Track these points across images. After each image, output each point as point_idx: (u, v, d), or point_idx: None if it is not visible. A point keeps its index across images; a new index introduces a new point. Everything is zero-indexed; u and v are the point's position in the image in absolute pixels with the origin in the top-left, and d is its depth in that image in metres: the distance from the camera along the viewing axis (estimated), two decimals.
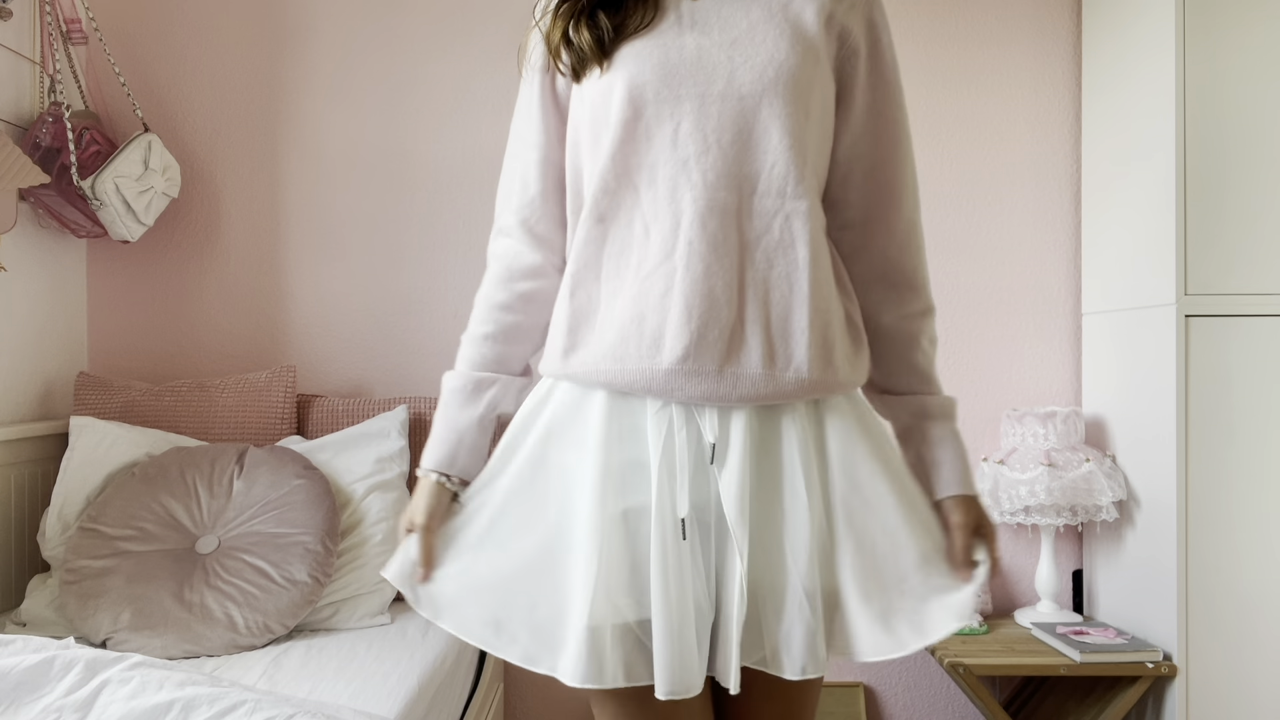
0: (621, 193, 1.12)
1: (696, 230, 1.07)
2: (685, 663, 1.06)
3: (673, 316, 1.07)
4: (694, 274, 1.07)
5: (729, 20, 1.13)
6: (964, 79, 2.48)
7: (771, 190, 1.09)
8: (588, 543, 1.08)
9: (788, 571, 1.09)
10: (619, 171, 1.12)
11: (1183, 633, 2.05)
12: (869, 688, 2.48)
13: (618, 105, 1.11)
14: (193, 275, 2.47)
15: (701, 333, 1.06)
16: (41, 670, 1.36)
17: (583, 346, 1.13)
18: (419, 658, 1.77)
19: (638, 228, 1.11)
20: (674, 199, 1.09)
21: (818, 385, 1.10)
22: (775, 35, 1.11)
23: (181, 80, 2.47)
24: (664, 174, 1.09)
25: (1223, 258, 2.07)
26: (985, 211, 2.49)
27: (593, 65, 1.14)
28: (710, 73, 1.10)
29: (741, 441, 1.08)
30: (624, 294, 1.11)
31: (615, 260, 1.13)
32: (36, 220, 2.28)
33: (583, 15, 1.14)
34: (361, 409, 2.26)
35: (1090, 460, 2.20)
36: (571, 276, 1.15)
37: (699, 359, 1.07)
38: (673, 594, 1.06)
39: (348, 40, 2.47)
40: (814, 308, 1.10)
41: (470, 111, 2.47)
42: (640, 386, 1.09)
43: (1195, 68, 2.07)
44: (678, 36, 1.12)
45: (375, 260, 2.47)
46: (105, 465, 2.06)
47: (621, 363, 1.09)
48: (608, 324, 1.11)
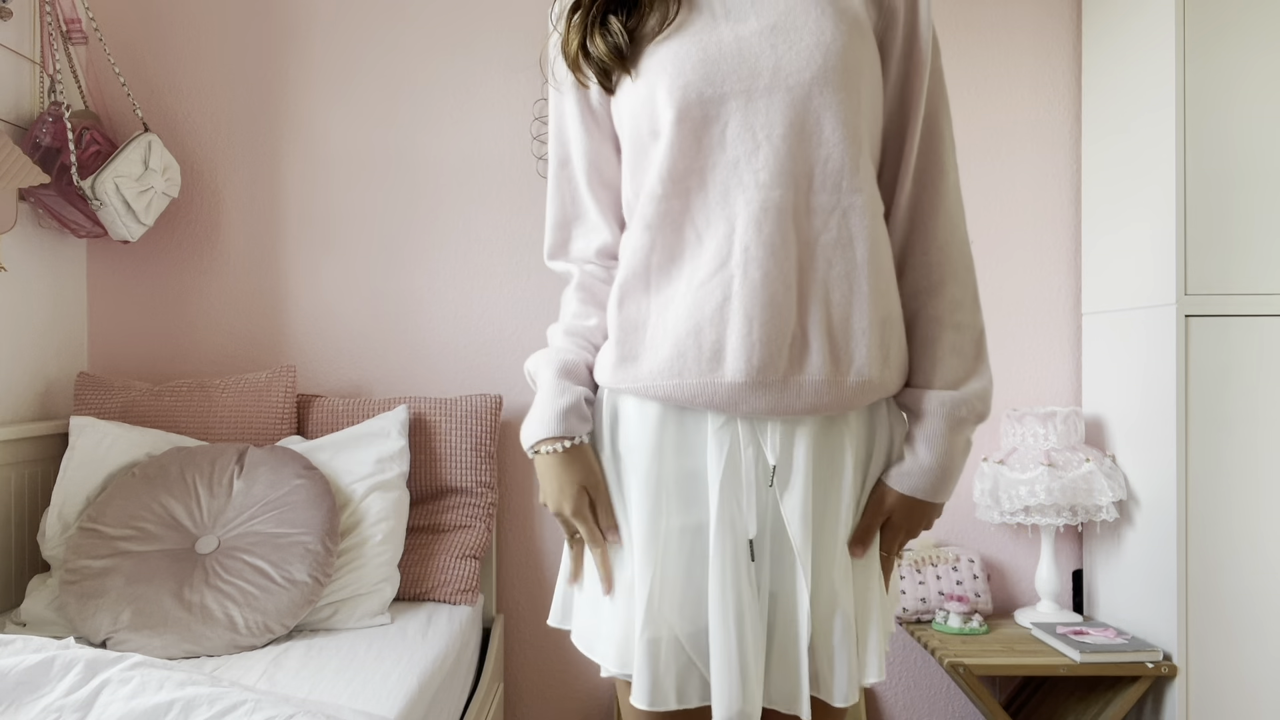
0: (669, 200, 1.06)
1: (752, 234, 1.02)
2: (747, 687, 1.03)
3: (733, 328, 1.02)
4: (753, 281, 1.02)
5: (764, 3, 1.05)
6: (964, 79, 2.48)
7: (827, 185, 1.03)
8: (644, 556, 1.06)
9: (838, 595, 1.07)
10: (664, 178, 1.06)
11: (1183, 633, 2.05)
12: (869, 688, 2.48)
13: (660, 111, 1.06)
14: (193, 275, 2.47)
15: (765, 344, 1.02)
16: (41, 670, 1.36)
17: (635, 360, 1.08)
18: (419, 658, 1.77)
19: (689, 235, 1.06)
20: (726, 203, 1.03)
21: (876, 388, 1.07)
22: (818, 14, 1.04)
23: (181, 80, 2.47)
24: (714, 177, 1.04)
25: (1223, 258, 2.07)
26: (985, 211, 2.49)
27: (620, 74, 1.08)
28: (754, 65, 1.03)
29: (805, 462, 1.05)
30: (677, 305, 1.06)
31: (665, 270, 1.07)
32: (36, 220, 2.28)
33: (595, 22, 1.08)
34: (361, 409, 2.26)
35: (1090, 460, 2.20)
36: (620, 286, 1.10)
37: (764, 371, 1.02)
38: (732, 615, 1.03)
39: (348, 40, 2.47)
40: (874, 306, 1.05)
41: (471, 112, 2.47)
42: (702, 401, 1.04)
43: (1195, 68, 2.06)
44: (713, 30, 1.05)
45: (375, 260, 2.47)
46: (105, 465, 2.06)
47: (680, 378, 1.05)
48: (661, 338, 1.06)
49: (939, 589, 2.32)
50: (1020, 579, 2.47)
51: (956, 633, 2.23)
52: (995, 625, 2.31)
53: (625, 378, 1.09)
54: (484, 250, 2.47)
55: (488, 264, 2.46)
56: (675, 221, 1.06)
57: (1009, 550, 2.47)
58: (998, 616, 2.40)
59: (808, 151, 1.03)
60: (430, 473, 2.24)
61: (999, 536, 2.47)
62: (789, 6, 1.05)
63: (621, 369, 1.09)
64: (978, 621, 2.25)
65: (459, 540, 2.20)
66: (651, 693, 1.05)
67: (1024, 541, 2.47)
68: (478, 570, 2.19)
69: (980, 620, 2.26)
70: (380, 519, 2.05)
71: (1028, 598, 2.46)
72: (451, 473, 2.24)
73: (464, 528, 2.22)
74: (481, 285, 2.46)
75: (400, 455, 2.14)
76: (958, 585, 2.33)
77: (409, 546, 2.17)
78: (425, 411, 2.27)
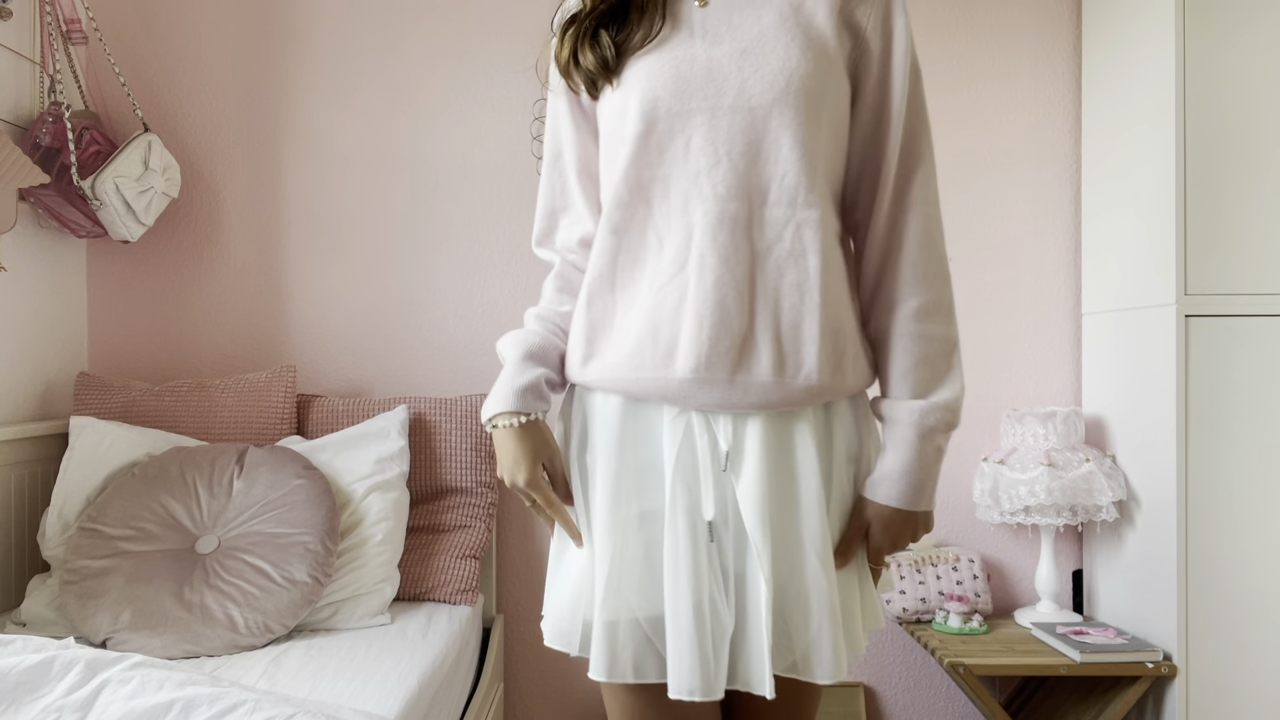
0: (635, 205, 1.14)
1: (708, 242, 1.09)
2: (702, 665, 1.07)
3: (686, 327, 1.10)
4: (705, 286, 1.09)
5: (740, 28, 1.12)
6: (964, 78, 2.48)
7: (783, 200, 1.10)
8: (604, 541, 1.12)
9: (810, 575, 1.10)
10: (632, 185, 1.14)
11: (1183, 633, 2.05)
12: (869, 688, 2.48)
13: (630, 121, 1.13)
14: (193, 275, 2.47)
15: (713, 343, 1.09)
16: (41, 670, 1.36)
17: (600, 355, 1.16)
18: (419, 658, 1.77)
19: (651, 239, 1.14)
20: (686, 211, 1.11)
21: (826, 391, 1.12)
22: (787, 41, 1.11)
23: (181, 80, 2.47)
24: (676, 187, 1.11)
25: (1223, 258, 2.07)
26: (985, 211, 2.49)
27: (604, 83, 1.16)
28: (720, 84, 1.10)
29: (757, 448, 1.10)
30: (639, 305, 1.13)
31: (629, 271, 1.15)
32: (36, 220, 2.28)
33: (586, 35, 1.16)
34: (361, 409, 2.26)
35: (1090, 460, 2.20)
36: (588, 286, 1.18)
37: (710, 368, 1.09)
38: (686, 596, 1.07)
39: (348, 40, 2.47)
40: (824, 315, 1.11)
41: (470, 111, 2.47)
42: (655, 394, 1.12)
43: (1195, 67, 2.06)
44: (689, 48, 1.12)
45: (375, 260, 2.47)
46: (105, 465, 2.06)
47: (637, 371, 1.12)
48: (624, 334, 1.14)
49: (939, 589, 2.32)
50: (1020, 579, 2.47)
51: (956, 633, 2.23)
52: (995, 625, 2.31)
53: (590, 371, 1.16)
54: (484, 250, 2.47)
55: (488, 263, 2.46)
56: (639, 227, 1.14)
57: (1009, 550, 2.47)
58: (998, 616, 2.40)
59: (765, 168, 1.10)
60: (430, 473, 2.24)
61: (999, 536, 2.47)
62: (762, 32, 1.11)
63: (587, 364, 1.17)
64: (978, 621, 2.25)
65: (459, 540, 2.20)
66: (609, 666, 1.10)
67: (1024, 541, 2.47)
68: (478, 570, 2.19)
69: (980, 620, 2.26)
70: (380, 519, 2.05)
71: (1028, 598, 2.46)
72: (451, 473, 2.24)
73: (464, 528, 2.22)
74: (481, 285, 2.46)
75: (400, 455, 2.14)
76: (958, 585, 2.33)
77: (409, 546, 2.17)
78: (425, 411, 2.27)
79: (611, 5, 1.16)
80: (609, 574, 1.11)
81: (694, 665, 1.07)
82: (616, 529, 1.12)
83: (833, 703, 2.43)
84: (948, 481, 2.47)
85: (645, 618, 1.11)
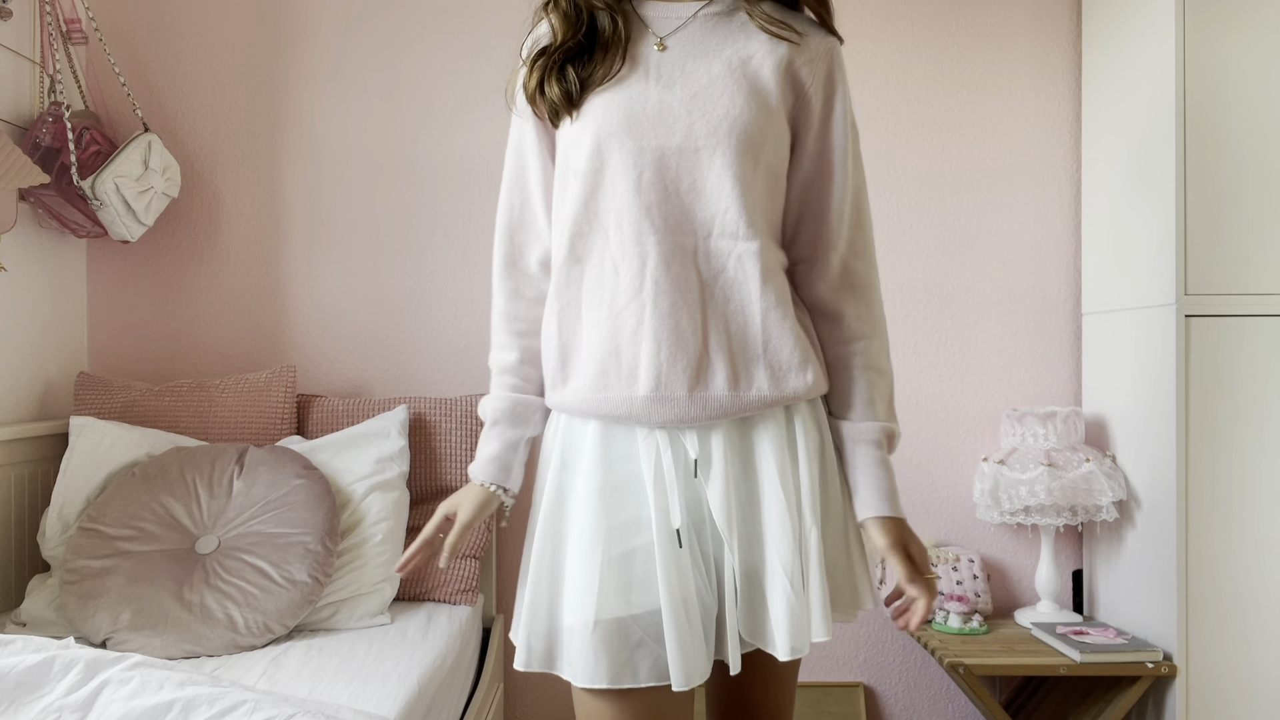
0: (593, 235, 1.23)
1: (661, 270, 1.19)
2: (695, 656, 1.17)
3: (645, 349, 1.19)
4: (661, 310, 1.19)
5: (692, 75, 1.22)
6: (964, 78, 2.48)
7: (726, 233, 1.20)
8: (589, 547, 1.20)
9: (772, 563, 1.20)
10: (589, 216, 1.23)
11: (1183, 633, 2.05)
12: (869, 688, 2.48)
13: (586, 155, 1.22)
14: (193, 275, 2.47)
15: (670, 363, 1.19)
16: (41, 670, 1.36)
17: (573, 378, 1.25)
18: (419, 658, 1.77)
19: (608, 267, 1.22)
20: (639, 242, 1.20)
21: (778, 400, 1.22)
22: (733, 90, 1.21)
23: (181, 80, 2.47)
24: (629, 218, 1.20)
25: (1223, 258, 2.07)
26: (985, 211, 2.49)
27: (565, 114, 1.25)
28: (670, 125, 1.20)
29: (722, 453, 1.21)
30: (601, 327, 1.22)
31: (592, 296, 1.23)
32: (36, 220, 2.28)
33: (553, 69, 1.25)
34: (361, 409, 2.26)
35: (1090, 460, 2.20)
36: (557, 314, 1.26)
37: (669, 386, 1.19)
38: (676, 594, 1.16)
39: (348, 40, 2.47)
40: (766, 336, 1.22)
41: (470, 111, 2.47)
42: (623, 414, 1.21)
43: (1195, 67, 2.07)
44: (643, 90, 1.22)
45: (375, 260, 2.47)
46: (105, 465, 2.06)
47: (605, 392, 1.21)
48: (591, 357, 1.23)
49: (939, 589, 2.32)
50: (1020, 579, 2.47)
51: (956, 633, 2.23)
52: (995, 625, 2.31)
53: (565, 394, 1.25)
54: (484, 250, 2.47)
55: (488, 264, 2.46)
56: (598, 255, 1.23)
57: (1009, 550, 2.47)
58: (998, 616, 2.40)
59: (709, 204, 1.20)
60: (430, 473, 2.24)
61: (999, 536, 2.47)
62: (711, 80, 1.22)
63: (560, 390, 1.26)
64: (978, 621, 2.25)
65: None
66: (614, 672, 1.17)
67: (1024, 541, 2.47)
68: (478, 570, 2.19)
69: (980, 620, 2.26)
70: (380, 519, 2.05)
71: (1028, 598, 2.46)
72: (451, 473, 2.24)
73: None
74: (481, 285, 2.46)
75: (400, 455, 2.14)
76: (958, 585, 2.33)
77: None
78: (425, 411, 2.27)
79: (579, 43, 1.25)
80: (601, 575, 1.18)
81: (689, 657, 1.16)
82: (600, 534, 1.20)
83: (833, 703, 2.43)
84: (948, 481, 2.47)
85: (631, 616, 1.18)
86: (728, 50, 1.23)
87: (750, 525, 1.22)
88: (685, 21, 1.26)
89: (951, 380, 2.49)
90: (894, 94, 2.48)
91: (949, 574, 2.35)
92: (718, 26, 1.26)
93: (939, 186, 2.48)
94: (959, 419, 2.48)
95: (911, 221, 2.49)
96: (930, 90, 2.48)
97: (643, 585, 1.18)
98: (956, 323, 2.48)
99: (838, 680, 2.46)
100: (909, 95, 2.48)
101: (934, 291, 2.48)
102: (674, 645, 1.15)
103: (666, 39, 1.25)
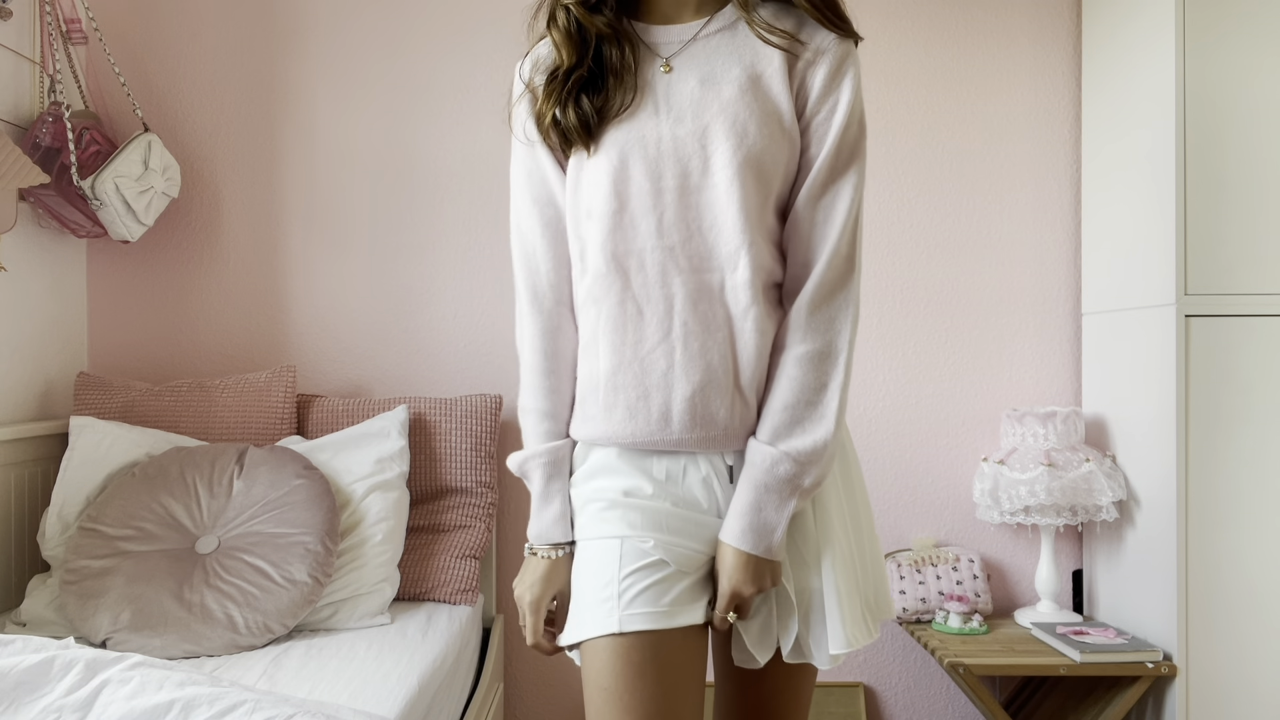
0: (611, 278, 1.19)
1: (689, 311, 1.17)
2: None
3: (677, 392, 1.17)
4: (692, 351, 1.17)
5: (702, 104, 1.18)
6: (964, 78, 2.48)
7: (750, 268, 1.16)
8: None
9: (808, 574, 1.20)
10: (608, 257, 1.19)
11: (1183, 633, 2.05)
12: (869, 688, 2.48)
13: (604, 195, 1.18)
14: (193, 275, 2.47)
15: (704, 404, 1.17)
16: (41, 670, 1.36)
17: (591, 420, 1.21)
18: (419, 658, 1.77)
19: (630, 309, 1.19)
20: (664, 283, 1.17)
21: None
22: (745, 117, 1.17)
23: (181, 80, 2.47)
24: (652, 260, 1.18)
25: (1223, 258, 2.07)
26: (985, 211, 2.49)
27: (578, 146, 1.20)
28: (686, 164, 1.17)
29: None
30: (625, 371, 1.19)
31: (610, 337, 1.20)
32: (36, 220, 2.28)
33: (569, 98, 1.20)
34: (361, 409, 2.26)
35: (1090, 460, 2.20)
36: (580, 350, 1.24)
37: (705, 426, 1.17)
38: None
39: (348, 40, 2.47)
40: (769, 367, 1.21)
41: (471, 111, 2.47)
42: (653, 449, 1.19)
43: (1195, 67, 2.06)
44: (654, 127, 1.18)
45: (375, 260, 2.47)
46: (105, 465, 2.06)
47: (633, 437, 1.18)
48: (613, 400, 1.19)
49: (939, 589, 2.32)
50: (1020, 579, 2.47)
51: (956, 633, 2.23)
52: (995, 625, 2.31)
53: (586, 433, 1.23)
54: (484, 250, 2.47)
55: (487, 264, 2.46)
56: (617, 297, 1.19)
57: (1009, 550, 2.47)
58: (998, 616, 2.40)
59: (729, 239, 1.17)
60: (430, 473, 2.24)
61: (999, 536, 2.47)
62: (721, 108, 1.17)
63: (582, 427, 1.23)
64: (978, 621, 2.25)
65: (459, 540, 2.20)
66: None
67: (1024, 541, 2.47)
68: (478, 570, 2.19)
69: (980, 620, 2.26)
70: (380, 519, 2.05)
71: (1028, 598, 2.46)
72: (451, 473, 2.24)
73: (464, 528, 2.22)
74: (481, 285, 2.46)
75: (400, 455, 2.14)
76: (958, 585, 2.33)
77: (409, 546, 2.16)
78: (425, 411, 2.27)
79: (590, 70, 1.21)
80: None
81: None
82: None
83: (833, 703, 2.43)
84: (948, 481, 2.47)
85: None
86: (735, 70, 1.19)
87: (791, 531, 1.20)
88: (686, 44, 1.22)
89: (951, 380, 2.49)
90: (894, 94, 2.48)
91: (949, 574, 2.35)
92: (721, 45, 1.21)
93: (939, 186, 2.48)
94: (959, 419, 2.48)
95: (911, 221, 2.49)
96: (930, 90, 2.48)
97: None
98: (956, 323, 2.48)
99: (838, 680, 2.46)
100: (909, 95, 2.48)
101: (934, 291, 2.48)
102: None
103: (672, 59, 1.22)
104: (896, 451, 2.48)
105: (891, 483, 2.48)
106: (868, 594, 1.26)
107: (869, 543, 1.28)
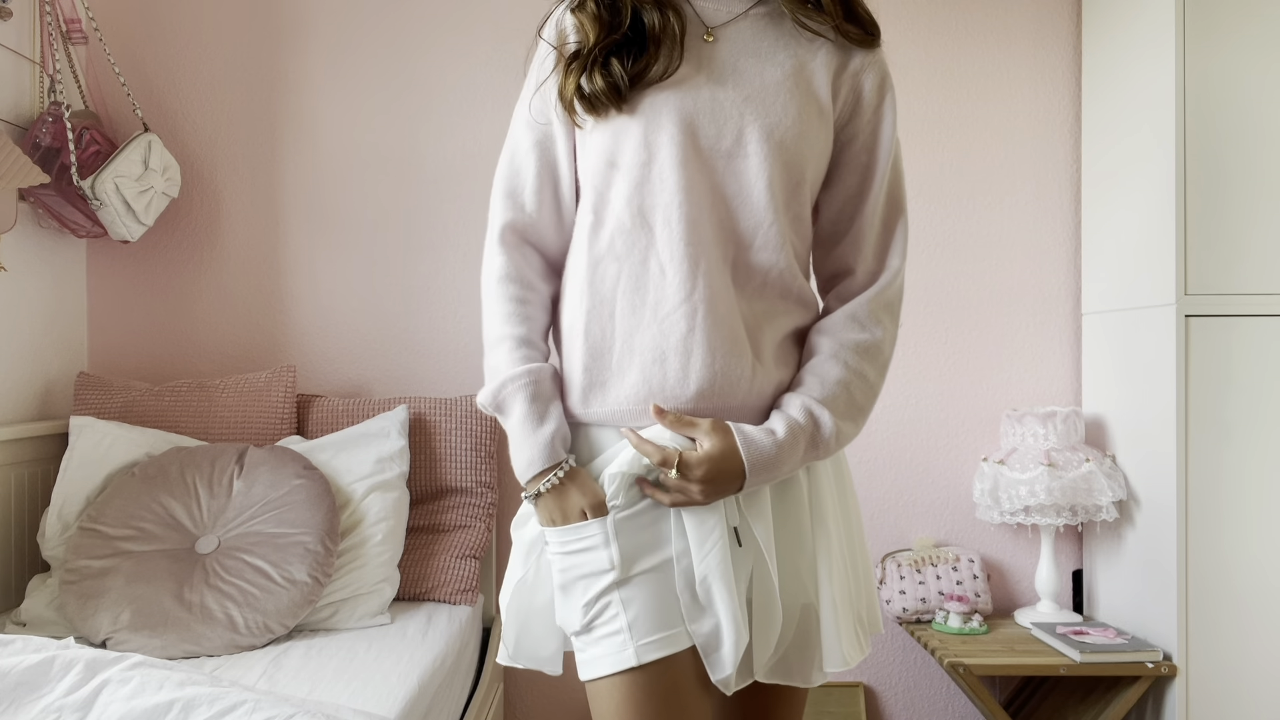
0: (636, 233, 1.16)
1: (717, 274, 1.14)
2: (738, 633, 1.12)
3: (697, 356, 1.13)
4: (717, 314, 1.14)
5: (745, 74, 1.17)
6: (964, 79, 2.48)
7: (771, 241, 1.16)
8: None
9: (804, 590, 1.18)
10: (634, 212, 1.16)
11: (1183, 633, 2.05)
12: (869, 688, 2.48)
13: (633, 146, 1.15)
14: (193, 275, 2.47)
15: (725, 371, 1.14)
16: (41, 670, 1.36)
17: (602, 388, 1.17)
18: (419, 658, 1.77)
19: (653, 267, 1.15)
20: (690, 242, 1.14)
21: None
22: (786, 99, 1.16)
23: (181, 80, 2.47)
24: (680, 216, 1.14)
25: (1223, 258, 2.07)
26: (985, 211, 2.49)
27: (607, 109, 1.16)
28: (722, 126, 1.15)
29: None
30: (642, 332, 1.15)
31: (629, 298, 1.16)
32: (36, 220, 2.27)
33: (595, 65, 1.17)
34: (361, 409, 2.26)
35: (1090, 460, 2.20)
36: (586, 313, 1.18)
37: (724, 395, 1.14)
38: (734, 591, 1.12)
39: (347, 40, 2.47)
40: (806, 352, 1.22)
41: (470, 110, 2.47)
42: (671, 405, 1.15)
43: (1195, 67, 2.07)
44: (695, 89, 1.16)
45: (375, 260, 2.47)
46: (105, 465, 2.06)
47: (646, 404, 1.15)
48: (627, 363, 1.16)
49: (939, 589, 2.32)
50: (1020, 579, 2.47)
51: (956, 633, 2.23)
52: (995, 625, 2.31)
53: (593, 409, 1.18)
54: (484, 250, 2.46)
55: None
56: (641, 254, 1.16)
57: (1009, 550, 2.47)
58: (998, 616, 2.40)
59: (752, 213, 1.16)
60: (430, 473, 2.24)
61: (999, 536, 2.47)
62: (765, 85, 1.17)
63: (589, 399, 1.18)
64: (978, 621, 2.25)
65: (459, 540, 2.20)
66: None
67: (1024, 541, 2.47)
68: (478, 570, 2.19)
69: (980, 620, 2.26)
70: (380, 519, 2.05)
71: (1028, 598, 2.46)
72: (451, 473, 2.24)
73: (464, 528, 2.22)
74: None
75: (400, 455, 2.14)
76: (958, 585, 2.33)
77: (409, 546, 2.16)
78: (425, 411, 2.27)
79: (625, 36, 1.17)
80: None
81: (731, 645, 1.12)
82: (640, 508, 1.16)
83: (833, 703, 2.43)
84: (948, 481, 2.47)
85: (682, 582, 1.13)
86: (782, 54, 1.19)
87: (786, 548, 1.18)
88: (736, 17, 1.20)
89: (951, 380, 2.49)
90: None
91: (949, 574, 2.35)
92: (770, 27, 1.20)
93: (939, 186, 2.48)
94: (959, 419, 2.48)
95: (912, 221, 2.48)
96: (930, 90, 2.48)
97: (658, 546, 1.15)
98: (956, 323, 2.48)
99: (837, 680, 2.46)
100: (909, 95, 2.48)
101: (934, 291, 2.48)
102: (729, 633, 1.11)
103: (717, 30, 1.20)
104: (896, 451, 2.48)
105: (891, 482, 2.48)
106: (860, 609, 1.24)
107: (860, 555, 1.27)
